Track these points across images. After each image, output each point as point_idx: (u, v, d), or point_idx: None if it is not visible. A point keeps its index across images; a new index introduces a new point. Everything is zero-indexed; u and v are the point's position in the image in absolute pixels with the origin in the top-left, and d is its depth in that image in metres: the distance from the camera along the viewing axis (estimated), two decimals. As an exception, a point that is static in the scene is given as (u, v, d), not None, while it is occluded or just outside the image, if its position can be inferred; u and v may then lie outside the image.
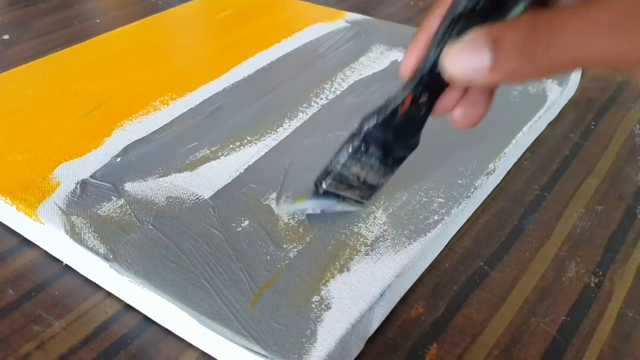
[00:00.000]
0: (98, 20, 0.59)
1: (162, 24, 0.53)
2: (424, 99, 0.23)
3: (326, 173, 0.27)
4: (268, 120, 0.39)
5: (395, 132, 0.25)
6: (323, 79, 0.43)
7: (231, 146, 0.36)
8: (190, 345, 0.27)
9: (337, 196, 0.28)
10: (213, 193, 0.32)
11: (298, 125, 0.38)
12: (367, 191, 0.28)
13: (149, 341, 0.27)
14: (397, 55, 0.47)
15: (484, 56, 0.18)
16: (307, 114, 0.39)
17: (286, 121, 0.38)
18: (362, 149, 0.25)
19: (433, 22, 0.21)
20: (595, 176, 0.37)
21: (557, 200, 0.35)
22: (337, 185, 0.27)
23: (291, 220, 0.30)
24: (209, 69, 0.45)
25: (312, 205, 0.29)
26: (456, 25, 0.20)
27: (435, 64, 0.21)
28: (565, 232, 0.33)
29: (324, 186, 0.27)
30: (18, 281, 0.30)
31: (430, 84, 0.22)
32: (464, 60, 0.18)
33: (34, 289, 0.30)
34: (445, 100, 0.23)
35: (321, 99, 0.41)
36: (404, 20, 0.59)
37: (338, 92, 0.42)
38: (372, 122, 0.25)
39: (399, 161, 0.27)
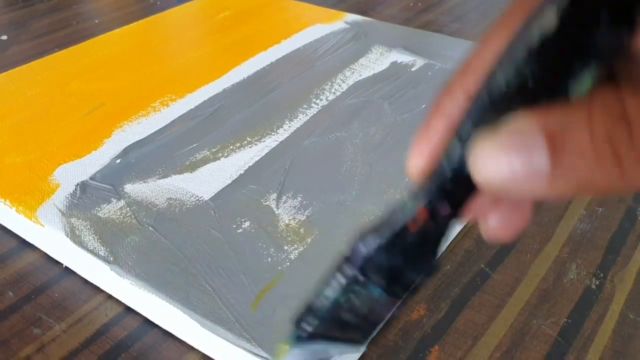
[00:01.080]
0: (97, 21, 0.59)
1: (161, 25, 0.53)
2: (444, 211, 0.16)
3: (309, 310, 0.20)
4: (268, 122, 0.38)
5: (403, 254, 0.18)
6: (323, 80, 0.43)
7: (231, 147, 0.36)
8: (191, 347, 0.27)
9: (327, 338, 0.20)
10: (213, 194, 0.32)
11: (298, 126, 0.38)
12: (367, 327, 0.21)
13: (150, 344, 0.27)
14: (396, 56, 0.47)
15: (537, 156, 0.12)
16: (307, 115, 0.39)
17: (286, 122, 0.38)
18: (359, 279, 0.18)
19: (454, 98, 0.14)
20: (596, 178, 0.37)
21: (558, 202, 0.35)
22: (326, 326, 0.20)
23: (292, 222, 0.30)
24: (208, 70, 0.44)
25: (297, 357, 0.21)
26: (494, 105, 0.13)
27: (460, 164, 0.15)
28: (566, 234, 0.33)
29: (308, 328, 0.20)
30: (18, 283, 0.30)
31: (453, 191, 0.16)
32: (505, 162, 0.12)
33: (34, 291, 0.29)
34: (478, 206, 0.15)
35: (321, 100, 0.41)
36: (403, 21, 0.59)
37: (338, 93, 0.42)
38: (372, 246, 0.18)
39: (407, 289, 0.19)
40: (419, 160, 0.16)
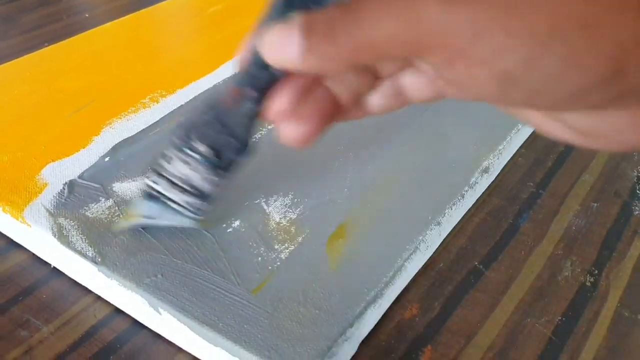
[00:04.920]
0: (87, 15, 0.58)
1: (152, 19, 0.52)
2: (251, 93, 0.21)
3: (153, 170, 0.25)
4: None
5: (221, 127, 0.23)
6: (315, 75, 0.43)
7: (222, 144, 0.35)
8: (181, 349, 0.26)
9: (170, 202, 0.26)
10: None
11: (290, 122, 0.37)
12: (199, 201, 0.26)
13: (139, 346, 0.27)
14: (390, 49, 0.46)
15: (295, 41, 0.17)
16: (299, 110, 0.39)
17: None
18: (186, 140, 0.24)
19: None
20: (591, 172, 0.36)
21: (553, 198, 0.35)
22: (167, 185, 0.25)
23: (283, 220, 0.30)
24: (200, 65, 0.44)
25: (144, 212, 0.26)
26: (281, 11, 0.19)
27: (258, 55, 0.19)
28: (561, 230, 0.32)
29: (151, 184, 0.25)
30: (5, 285, 0.29)
31: (255, 76, 0.21)
32: (277, 44, 0.17)
33: (21, 292, 0.29)
34: (276, 105, 0.20)
35: (313, 95, 0.40)
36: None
37: (331, 88, 0.41)
38: (195, 117, 0.23)
39: (230, 166, 0.24)
40: (240, 53, 0.21)
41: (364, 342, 0.26)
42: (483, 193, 0.35)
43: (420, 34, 0.15)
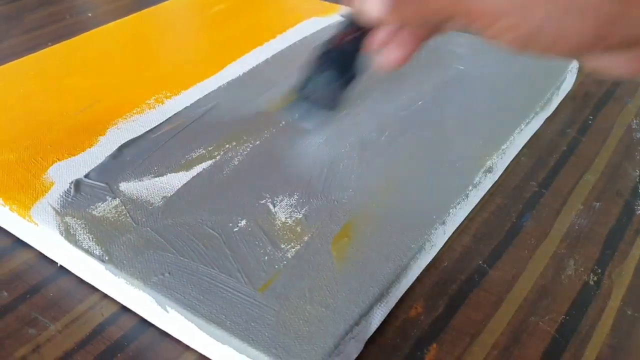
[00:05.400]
0: (90, 14, 0.58)
1: (155, 18, 0.52)
2: (355, 34, 0.29)
3: (300, 83, 0.33)
4: (264, 119, 0.38)
5: (337, 59, 0.31)
6: (319, 75, 0.43)
7: (227, 145, 0.36)
8: (188, 347, 0.27)
9: (309, 102, 0.34)
10: (210, 193, 0.32)
11: (294, 124, 0.38)
12: (331, 100, 0.33)
13: (146, 344, 0.27)
14: (393, 50, 0.46)
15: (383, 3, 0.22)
16: (303, 110, 0.39)
17: (282, 120, 0.38)
18: (316, 66, 0.32)
19: None
20: (593, 172, 0.37)
21: (555, 197, 0.35)
22: (308, 90, 0.33)
23: (289, 220, 0.30)
24: (204, 66, 0.44)
25: (294, 108, 0.34)
26: None
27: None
28: (564, 229, 0.33)
29: (300, 91, 0.33)
30: (12, 283, 0.30)
31: (356, 23, 0.28)
32: (372, 5, 0.22)
33: (29, 290, 0.29)
34: (377, 38, 0.26)
35: (317, 95, 0.40)
36: (399, 13, 0.58)
37: (334, 88, 0.41)
38: (320, 50, 0.31)
39: (346, 83, 0.32)
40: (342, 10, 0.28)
41: (370, 341, 0.26)
42: (486, 192, 0.35)
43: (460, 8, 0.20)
